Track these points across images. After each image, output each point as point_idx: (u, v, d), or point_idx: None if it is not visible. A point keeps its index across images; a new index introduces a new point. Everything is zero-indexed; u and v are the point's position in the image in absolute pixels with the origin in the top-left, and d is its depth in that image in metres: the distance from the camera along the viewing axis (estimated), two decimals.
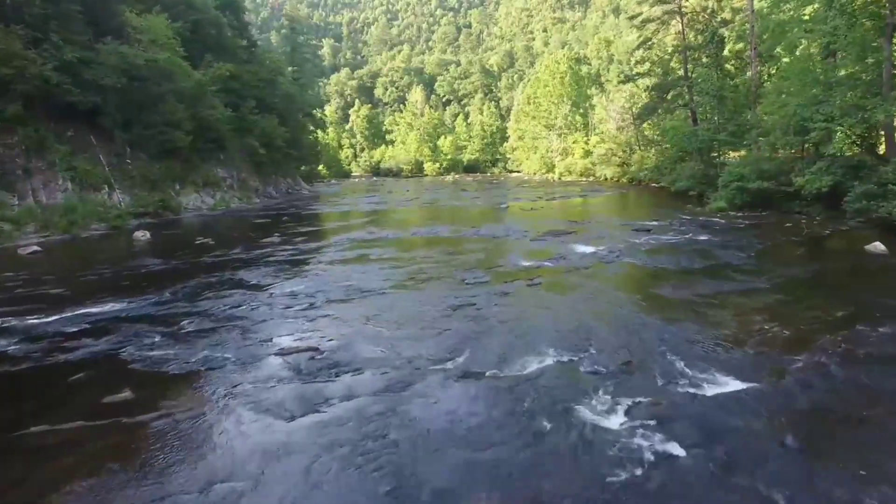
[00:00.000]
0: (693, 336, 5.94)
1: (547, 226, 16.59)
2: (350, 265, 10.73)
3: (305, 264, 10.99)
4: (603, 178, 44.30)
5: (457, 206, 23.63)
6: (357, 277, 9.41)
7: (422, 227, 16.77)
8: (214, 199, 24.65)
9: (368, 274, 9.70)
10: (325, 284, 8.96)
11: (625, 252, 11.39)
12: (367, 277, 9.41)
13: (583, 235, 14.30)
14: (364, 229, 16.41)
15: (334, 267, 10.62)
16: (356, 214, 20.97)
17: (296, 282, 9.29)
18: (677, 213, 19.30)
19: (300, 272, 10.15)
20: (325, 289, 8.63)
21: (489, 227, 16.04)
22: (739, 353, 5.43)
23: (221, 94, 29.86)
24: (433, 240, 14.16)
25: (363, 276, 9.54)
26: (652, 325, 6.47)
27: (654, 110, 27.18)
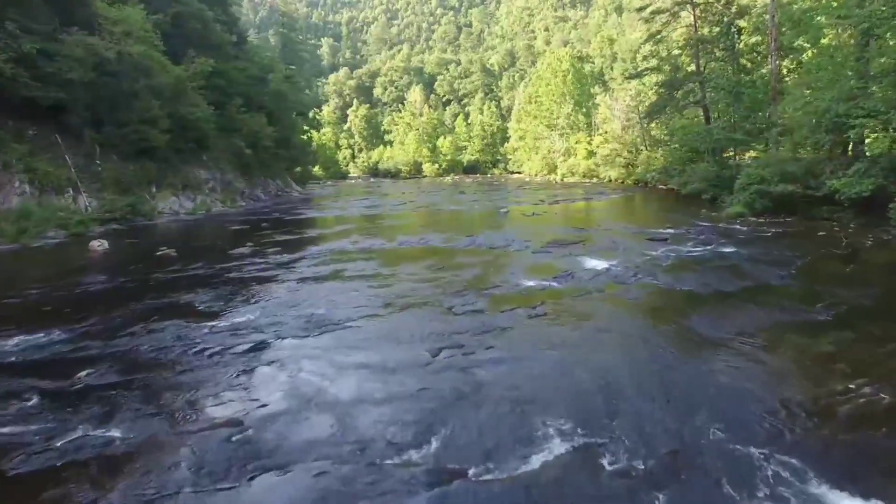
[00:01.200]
0: (755, 402, 4.33)
1: (550, 234, 14.99)
2: (320, 285, 9.14)
3: (269, 284, 9.40)
4: (607, 180, 42.76)
5: (453, 210, 22.04)
6: (324, 303, 7.82)
7: (412, 235, 15.18)
8: (194, 203, 23.08)
9: (339, 298, 8.11)
10: (284, 313, 7.37)
11: (643, 268, 9.78)
12: (336, 303, 7.82)
13: (591, 246, 12.71)
14: (348, 238, 14.82)
15: (301, 288, 9.03)
16: (343, 220, 19.40)
17: (250, 309, 7.69)
18: (692, 218, 17.71)
19: (260, 295, 8.55)
20: (281, 320, 7.04)
21: (486, 236, 14.44)
22: (829, 432, 3.83)
23: (206, 91, 28.31)
24: (422, 251, 12.57)
25: (332, 301, 7.94)
26: (695, 381, 4.86)
27: (664, 108, 25.57)
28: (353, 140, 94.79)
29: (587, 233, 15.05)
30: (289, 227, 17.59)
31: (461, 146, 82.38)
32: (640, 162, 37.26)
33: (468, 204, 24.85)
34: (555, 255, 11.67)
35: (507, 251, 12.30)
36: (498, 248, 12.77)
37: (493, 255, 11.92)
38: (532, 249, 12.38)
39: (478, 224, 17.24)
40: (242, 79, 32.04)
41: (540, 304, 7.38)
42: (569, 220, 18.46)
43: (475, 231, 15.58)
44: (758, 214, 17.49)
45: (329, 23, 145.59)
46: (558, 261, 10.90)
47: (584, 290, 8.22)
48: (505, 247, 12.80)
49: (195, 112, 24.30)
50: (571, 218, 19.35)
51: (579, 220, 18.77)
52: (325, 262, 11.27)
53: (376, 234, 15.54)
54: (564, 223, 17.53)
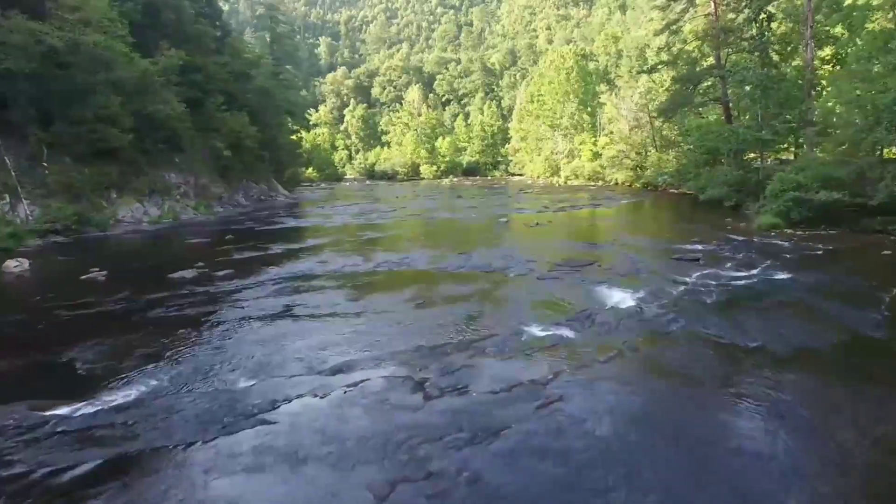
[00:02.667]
0: None
1: (559, 251, 12.72)
2: (258, 334, 6.86)
3: (197, 328, 7.12)
4: (613, 183, 40.53)
5: (448, 218, 19.76)
6: (250, 371, 5.55)
7: (396, 252, 12.91)
8: (161, 210, 20.82)
9: (272, 362, 5.83)
10: (188, 388, 5.12)
11: (681, 306, 7.53)
12: (265, 372, 5.54)
13: (608, 269, 10.43)
14: (319, 256, 12.56)
15: (235, 336, 6.77)
16: (322, 231, 17.13)
17: (148, 375, 5.43)
18: (719, 230, 15.47)
19: (174, 349, 6.29)
20: (177, 404, 4.78)
21: (483, 254, 12.17)
22: None
23: (181, 87, 26.09)
24: (403, 277, 10.30)
25: (261, 368, 5.66)
26: None
27: (681, 106, 23.24)
28: (350, 141, 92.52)
29: (601, 249, 12.76)
30: (256, 240, 15.32)
31: (460, 147, 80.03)
32: (650, 164, 35.00)
33: (465, 211, 22.56)
34: (565, 282, 9.40)
35: (507, 276, 10.02)
36: (496, 270, 10.49)
37: (489, 281, 9.64)
38: (537, 274, 10.10)
39: (474, 237, 14.97)
40: (223, 74, 29.78)
41: (552, 379, 5.10)
42: (577, 232, 16.17)
43: (470, 246, 13.29)
44: (794, 225, 15.28)
45: (327, 22, 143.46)
46: (570, 292, 8.62)
47: (612, 347, 5.94)
48: (504, 269, 10.52)
49: (165, 110, 22.03)
50: (580, 229, 17.06)
51: (589, 233, 16.48)
52: (278, 292, 8.99)
53: (354, 250, 13.26)
54: (573, 236, 15.25)
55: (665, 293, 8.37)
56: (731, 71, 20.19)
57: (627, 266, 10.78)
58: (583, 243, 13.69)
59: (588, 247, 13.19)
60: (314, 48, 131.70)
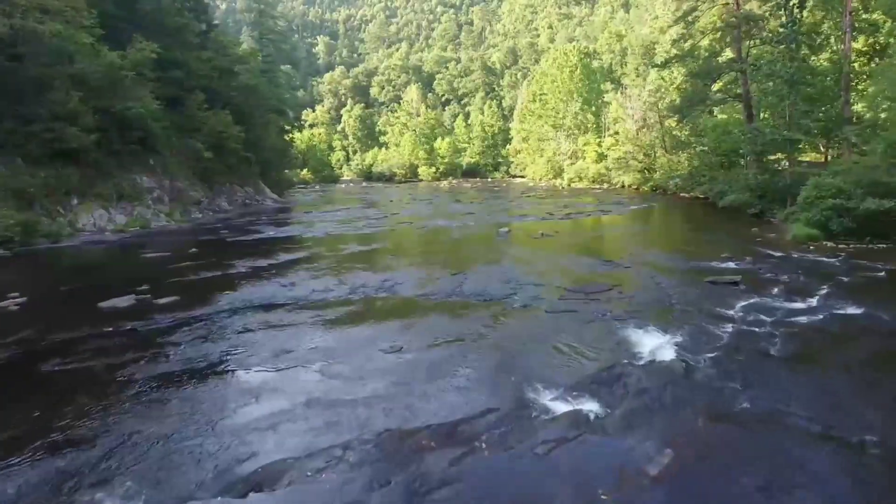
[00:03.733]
0: None
1: (569, 270, 10.86)
2: (164, 409, 4.99)
3: (88, 396, 5.27)
4: (620, 186, 38.70)
5: (443, 227, 17.88)
6: (147, 464, 3.70)
7: (377, 271, 11.05)
8: (130, 217, 18.99)
9: (181, 449, 3.98)
10: None
11: (738, 357, 5.73)
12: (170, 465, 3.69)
13: (632, 296, 8.58)
14: (287, 276, 10.70)
15: (143, 399, 4.94)
16: (300, 243, 15.26)
17: None
18: (749, 243, 13.66)
19: (31, 438, 4.44)
20: None
21: (480, 275, 10.32)
22: None
23: (160, 84, 24.30)
24: (379, 310, 8.43)
25: (165, 463, 3.81)
26: None
27: (697, 104, 21.33)
28: (348, 142, 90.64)
29: (618, 269, 10.89)
30: (223, 254, 13.48)
31: (460, 148, 78.09)
32: (659, 166, 33.17)
33: (462, 218, 20.68)
34: (581, 317, 7.55)
35: (508, 308, 8.16)
36: (494, 299, 8.63)
37: (486, 315, 7.78)
38: (545, 304, 8.26)
39: (470, 252, 13.11)
40: (206, 70, 27.96)
41: None
42: (588, 246, 14.29)
43: (465, 265, 11.44)
44: (834, 237, 13.46)
45: (326, 21, 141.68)
46: (589, 334, 6.78)
47: (658, 441, 4.07)
48: (505, 298, 8.66)
49: (136, 107, 20.19)
50: (591, 241, 15.17)
51: (602, 246, 14.60)
52: (221, 333, 7.14)
53: (330, 269, 11.40)
54: (583, 250, 13.36)
55: (711, 337, 6.52)
56: (754, 65, 18.31)
57: (654, 293, 8.92)
58: (596, 260, 11.82)
59: (603, 265, 11.31)
60: (312, 47, 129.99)
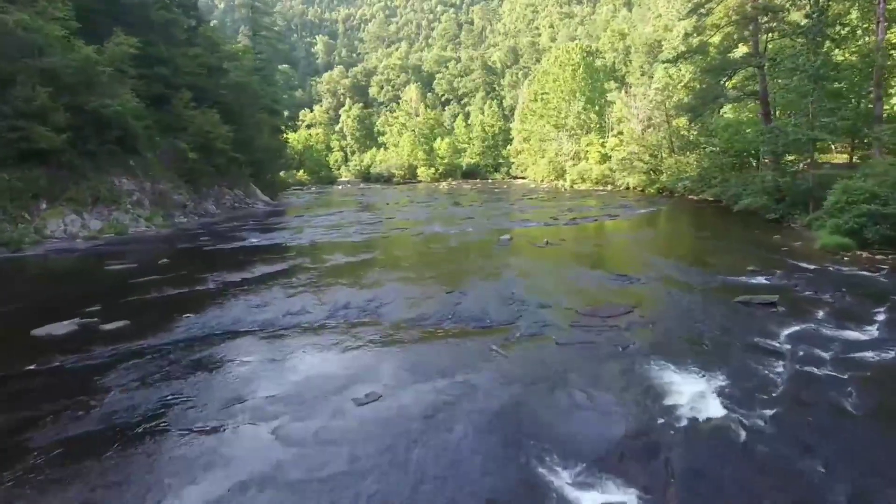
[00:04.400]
0: None
1: (580, 287, 9.60)
2: (83, 473, 3.74)
3: None
4: (624, 188, 37.43)
5: (440, 235, 16.61)
6: None
7: (362, 289, 9.80)
8: (105, 223, 17.75)
9: None
10: None
11: (799, 407, 4.52)
12: None
13: (656, 322, 7.37)
14: (260, 294, 9.44)
15: (36, 478, 3.67)
16: (283, 252, 13.97)
17: None
18: (773, 253, 12.46)
19: None
20: None
21: (479, 294, 9.07)
22: None
23: (143, 81, 23.09)
24: (359, 338, 7.16)
25: None
26: None
27: (711, 101, 20.03)
28: (346, 142, 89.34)
29: (635, 285, 9.63)
30: (195, 266, 12.24)
31: (460, 148, 76.77)
32: (666, 168, 31.90)
33: (461, 224, 19.42)
34: (598, 351, 6.32)
35: (511, 337, 6.91)
36: (495, 325, 7.40)
37: (484, 348, 6.54)
38: (555, 332, 7.03)
39: (468, 265, 11.84)
40: (193, 67, 26.72)
41: None
42: (599, 256, 13.02)
43: (462, 281, 10.18)
44: (867, 246, 12.25)
45: (325, 20, 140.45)
46: (609, 374, 5.56)
47: None
48: (507, 324, 7.42)
49: (113, 105, 18.94)
50: (601, 251, 13.89)
51: (614, 256, 13.33)
52: (168, 372, 5.89)
53: (310, 285, 10.15)
54: (594, 262, 12.10)
55: (762, 381, 5.29)
56: (774, 59, 17.04)
57: (679, 317, 7.69)
58: (609, 274, 10.55)
59: (615, 280, 10.05)
60: (311, 47, 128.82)
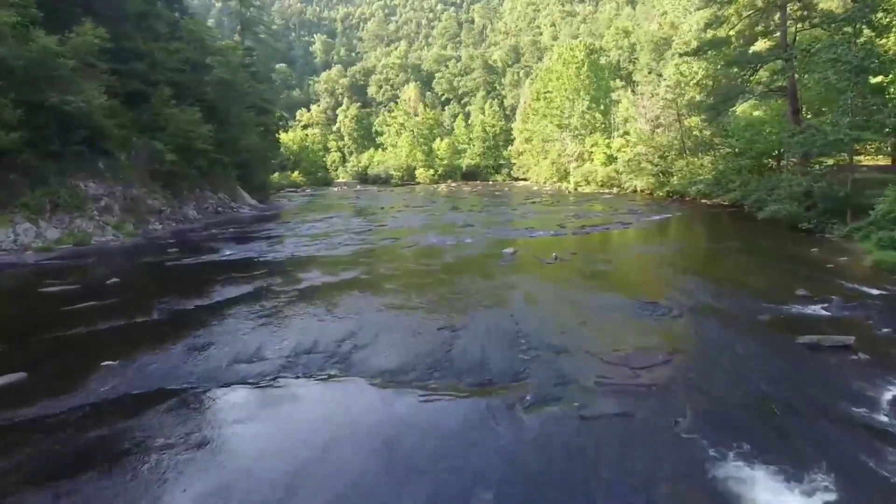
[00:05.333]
0: None
1: (601, 321, 7.84)
2: None
3: None
4: (631, 191, 35.66)
5: (435, 247, 14.85)
6: None
7: (333, 321, 8.09)
8: (64, 232, 16.03)
9: None
10: None
11: None
12: None
13: (703, 376, 5.61)
14: (212, 326, 7.71)
15: None
16: (254, 269, 12.18)
17: None
18: (820, 272, 10.76)
19: None
20: None
21: (476, 332, 7.34)
22: None
23: (118, 77, 21.40)
24: (316, 401, 5.44)
25: None
26: None
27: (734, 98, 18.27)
28: (343, 142, 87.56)
29: (666, 317, 7.88)
30: (149, 287, 10.54)
31: (460, 149, 74.99)
32: (677, 170, 30.13)
33: (459, 233, 17.67)
34: (637, 431, 4.59)
35: (519, 401, 5.18)
36: (496, 383, 5.67)
37: (483, 416, 4.83)
38: (577, 396, 5.29)
39: (465, 287, 10.09)
40: (174, 63, 25.01)
41: None
42: (619, 276, 11.25)
43: (457, 309, 8.44)
44: None
45: (323, 19, 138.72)
46: (659, 473, 3.79)
47: None
48: (513, 380, 5.70)
49: (77, 101, 17.21)
50: (619, 269, 12.10)
51: (636, 276, 11.56)
52: (56, 461, 4.15)
53: (272, 316, 8.41)
54: (614, 284, 10.36)
55: (877, 482, 3.56)
56: (806, 50, 15.31)
57: (735, 369, 5.96)
58: (632, 300, 8.81)
59: (644, 309, 8.31)
60: (309, 46, 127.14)
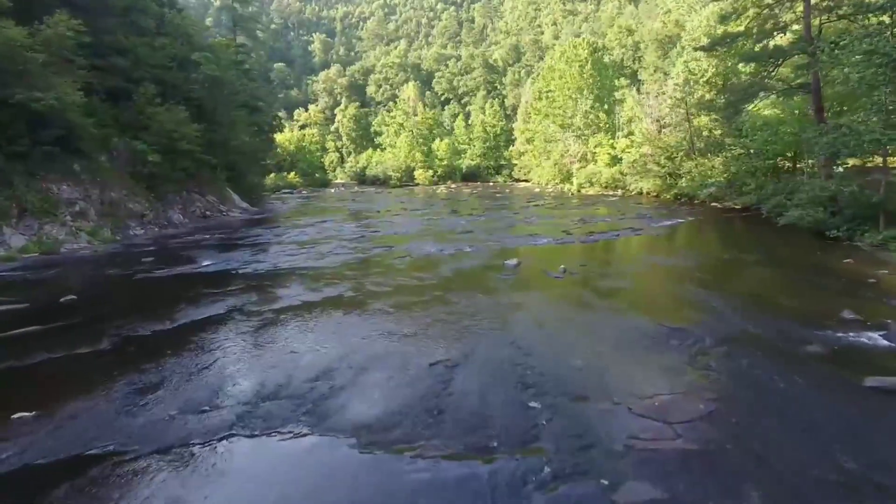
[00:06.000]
0: None
1: (624, 355, 6.60)
2: None
3: None
4: (637, 193, 34.47)
5: (430, 257, 13.64)
6: None
7: (307, 351, 6.94)
8: (30, 239, 14.85)
9: None
10: None
11: None
12: None
13: (762, 435, 4.38)
14: (166, 360, 6.52)
15: None
16: (229, 284, 10.97)
17: None
18: (861, 287, 9.60)
19: None
20: None
21: (473, 371, 6.13)
22: None
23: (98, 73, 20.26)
24: (271, 471, 4.23)
25: None
26: None
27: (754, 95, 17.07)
28: (341, 143, 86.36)
29: (701, 348, 6.68)
30: (107, 307, 9.36)
31: (460, 150, 73.80)
32: (686, 171, 28.93)
33: (458, 240, 16.48)
34: None
35: (531, 478, 3.96)
36: (502, 448, 4.44)
37: (485, 494, 3.63)
38: (605, 470, 4.05)
39: (463, 308, 8.90)
40: (159, 59, 23.84)
41: None
42: (637, 294, 10.01)
43: (452, 338, 7.25)
44: None
45: (322, 18, 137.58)
46: None
47: None
48: (523, 445, 4.48)
49: (48, 98, 16.04)
50: (637, 284, 10.85)
51: (657, 294, 10.31)
52: None
53: (235, 348, 7.22)
54: (633, 304, 9.14)
55: None
56: (836, 43, 14.13)
57: (794, 425, 4.76)
58: (657, 326, 7.63)
59: (671, 339, 7.11)
60: (308, 45, 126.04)
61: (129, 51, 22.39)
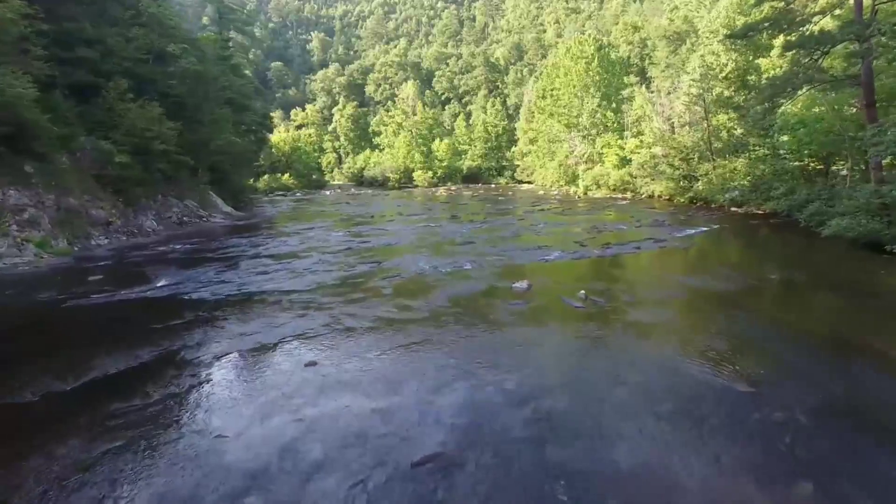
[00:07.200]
0: None
1: (690, 448, 4.42)
2: None
3: None
4: (648, 196, 32.42)
5: (426, 276, 11.61)
6: None
7: (235, 451, 4.89)
8: None
9: None
10: None
11: None
12: None
13: None
14: (45, 442, 4.52)
15: None
16: (176, 314, 8.96)
17: None
18: None
19: None
20: None
21: (480, 468, 4.10)
22: None
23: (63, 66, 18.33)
24: None
25: None
26: None
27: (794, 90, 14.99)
28: (339, 143, 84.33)
29: (791, 432, 4.65)
30: (3, 352, 7.34)
31: (460, 150, 71.72)
32: (703, 174, 26.88)
33: (457, 254, 14.44)
34: None
35: None
36: None
37: None
38: None
39: (460, 352, 6.91)
40: (132, 51, 21.87)
41: None
42: (682, 336, 7.92)
43: (446, 415, 5.22)
44: None
45: (321, 17, 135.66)
46: None
47: None
48: None
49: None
50: (677, 320, 8.76)
51: (706, 336, 8.15)
52: None
53: (157, 420, 5.23)
54: (679, 350, 7.09)
55: None
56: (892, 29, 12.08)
57: None
58: (720, 388, 5.62)
59: (744, 411, 5.10)
60: (306, 44, 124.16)
61: (97, 41, 20.42)
